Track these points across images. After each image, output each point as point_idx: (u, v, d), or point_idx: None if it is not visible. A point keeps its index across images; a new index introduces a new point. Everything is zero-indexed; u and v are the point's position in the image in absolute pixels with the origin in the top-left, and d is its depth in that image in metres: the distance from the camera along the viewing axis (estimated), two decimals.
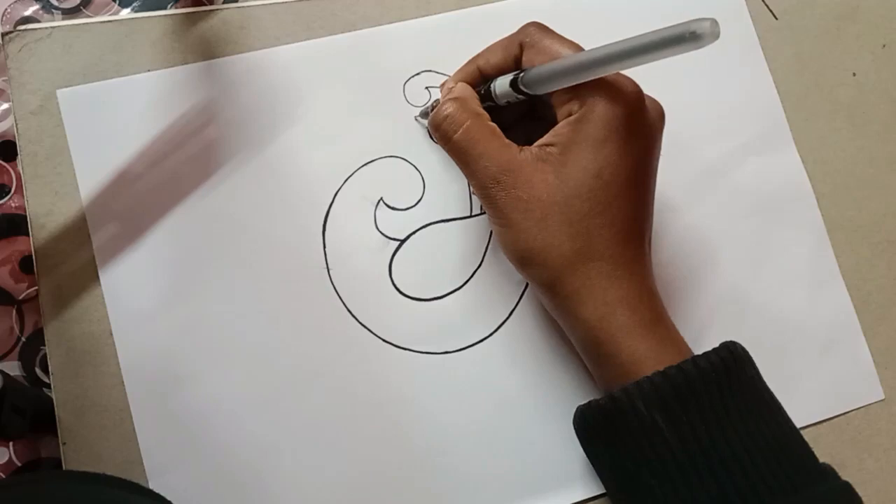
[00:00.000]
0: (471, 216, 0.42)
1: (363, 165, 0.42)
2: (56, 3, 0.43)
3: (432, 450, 0.39)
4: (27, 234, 0.40)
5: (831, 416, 0.42)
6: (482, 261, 0.41)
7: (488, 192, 0.36)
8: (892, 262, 0.44)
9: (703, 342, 0.40)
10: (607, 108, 0.34)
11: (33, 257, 0.39)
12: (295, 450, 0.39)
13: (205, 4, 0.43)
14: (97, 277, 0.39)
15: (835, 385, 0.42)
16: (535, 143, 0.36)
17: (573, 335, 0.37)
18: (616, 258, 0.35)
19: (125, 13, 0.43)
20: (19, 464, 0.39)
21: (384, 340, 0.40)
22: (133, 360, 0.39)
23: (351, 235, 0.41)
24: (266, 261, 0.40)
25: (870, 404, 0.43)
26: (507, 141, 0.36)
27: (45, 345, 0.39)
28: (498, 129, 0.36)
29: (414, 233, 0.41)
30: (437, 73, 0.43)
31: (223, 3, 0.43)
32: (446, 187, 0.42)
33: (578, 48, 0.36)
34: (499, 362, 0.40)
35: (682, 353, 0.34)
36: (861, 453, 0.42)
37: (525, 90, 0.36)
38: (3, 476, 0.38)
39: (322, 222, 0.41)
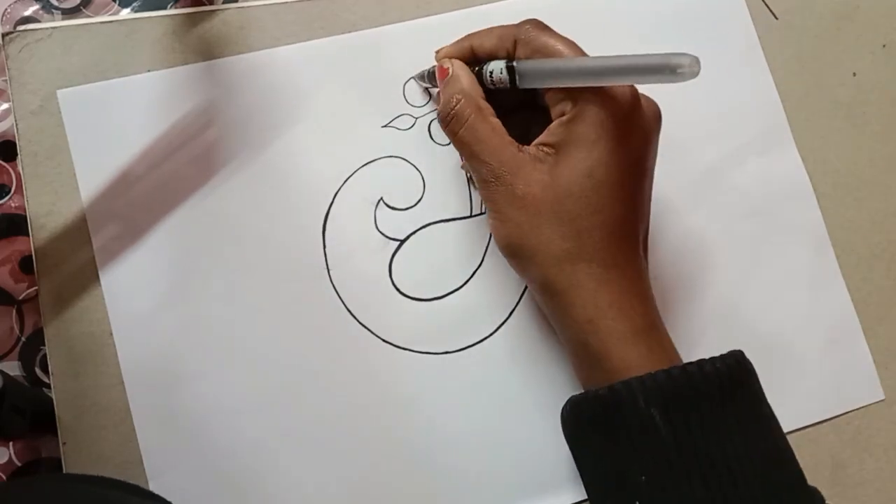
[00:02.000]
0: (471, 216, 0.42)
1: (363, 165, 0.42)
2: (56, 3, 0.43)
3: (432, 449, 0.39)
4: (27, 234, 0.40)
5: (831, 416, 0.42)
6: (482, 261, 0.41)
7: (488, 186, 0.36)
8: (892, 262, 0.44)
9: (703, 341, 0.41)
10: (599, 108, 0.34)
11: (33, 257, 0.39)
12: (294, 449, 0.39)
13: (205, 5, 0.43)
14: (97, 277, 0.39)
15: (835, 385, 0.42)
16: (533, 143, 0.36)
17: (562, 334, 0.37)
18: (607, 260, 0.35)
19: (125, 13, 0.43)
20: (19, 464, 0.39)
21: (384, 340, 0.40)
22: (133, 360, 0.39)
23: (351, 235, 0.41)
24: (266, 261, 0.40)
25: (870, 404, 0.43)
26: (508, 139, 0.36)
27: (45, 345, 0.39)
28: (500, 126, 0.36)
29: (414, 233, 0.41)
30: None
31: (223, 3, 0.43)
32: (446, 187, 0.42)
33: (574, 47, 0.36)
34: (499, 362, 0.40)
35: (672, 363, 0.34)
36: (861, 453, 0.42)
37: (520, 85, 0.36)
38: (3, 476, 0.38)
39: (322, 222, 0.41)
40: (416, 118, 0.43)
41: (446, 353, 0.40)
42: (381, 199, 0.42)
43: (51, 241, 0.40)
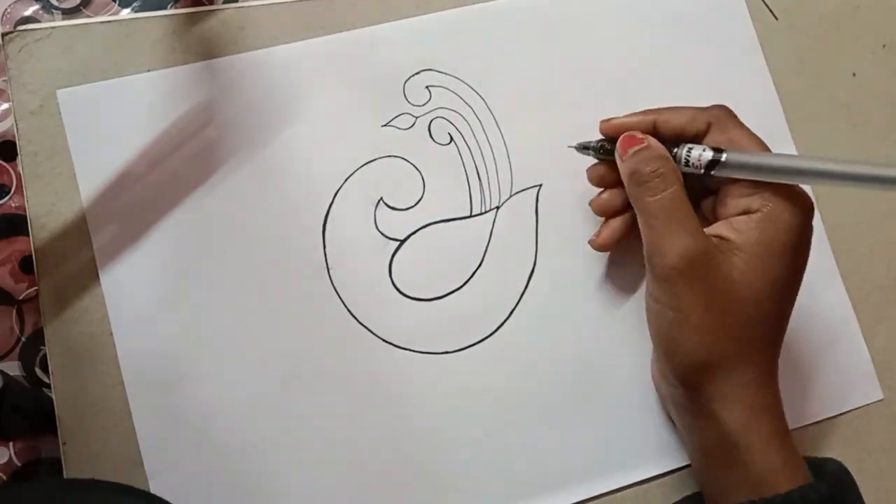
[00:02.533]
0: (471, 216, 0.42)
1: (363, 165, 0.42)
2: (56, 3, 0.43)
3: (432, 449, 0.39)
4: (27, 234, 0.40)
5: (831, 415, 0.42)
6: (482, 261, 0.41)
7: (671, 272, 0.34)
8: (892, 262, 0.44)
9: None
10: (794, 215, 0.34)
11: (33, 257, 0.39)
12: (294, 449, 0.39)
13: (204, 4, 0.43)
14: (97, 277, 0.39)
15: (834, 385, 0.43)
16: (710, 230, 0.35)
17: (699, 437, 0.36)
18: (764, 365, 0.34)
19: (125, 13, 0.43)
20: (19, 464, 0.39)
21: (384, 340, 0.40)
22: (133, 360, 0.39)
23: (351, 235, 0.41)
24: (266, 261, 0.40)
25: (869, 404, 0.43)
26: (698, 224, 0.34)
27: (45, 345, 0.39)
28: (692, 210, 0.35)
29: (414, 233, 0.41)
30: (438, 71, 0.43)
31: (223, 3, 0.43)
32: (446, 187, 0.42)
33: (765, 145, 0.36)
34: (499, 362, 0.40)
35: (802, 470, 0.34)
36: (861, 453, 0.42)
37: (714, 173, 0.35)
38: (3, 476, 0.38)
39: (322, 222, 0.41)
40: (416, 118, 0.43)
41: (446, 353, 0.40)
42: (381, 199, 0.42)
43: (51, 241, 0.40)
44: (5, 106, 0.41)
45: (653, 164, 0.35)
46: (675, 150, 0.36)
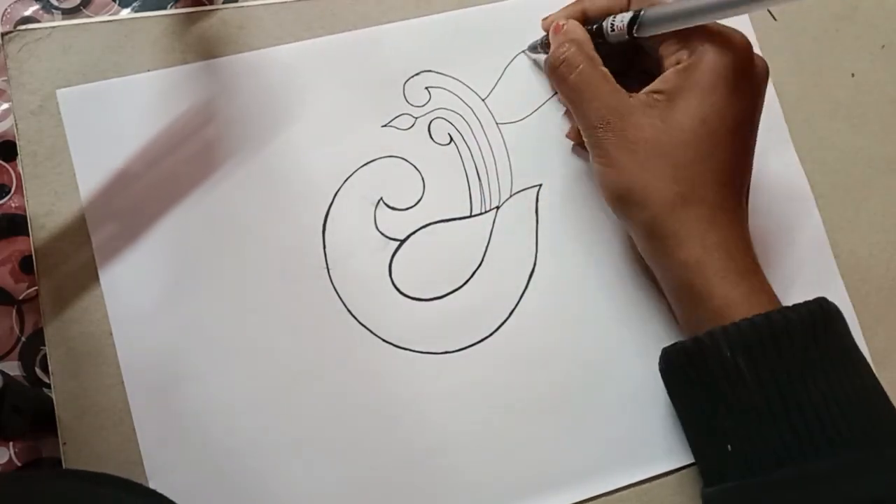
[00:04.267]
0: (470, 216, 0.42)
1: (363, 165, 0.42)
2: (56, 3, 0.43)
3: (432, 450, 0.39)
4: (27, 234, 0.40)
5: None
6: (482, 261, 0.41)
7: (596, 132, 0.37)
8: (892, 263, 0.45)
9: None
10: (716, 56, 0.35)
11: (33, 257, 0.39)
12: (294, 449, 0.39)
13: (205, 4, 0.43)
14: (97, 277, 0.39)
15: None
16: (643, 91, 0.37)
17: (665, 277, 0.38)
18: (716, 204, 0.36)
19: (125, 13, 0.43)
20: (19, 464, 0.39)
21: (384, 340, 0.40)
22: (133, 360, 0.39)
23: (351, 235, 0.41)
24: (266, 261, 0.40)
25: None
26: (617, 86, 0.37)
27: (45, 345, 0.39)
28: (609, 74, 0.37)
29: (414, 233, 0.41)
30: (437, 72, 0.43)
31: (223, 3, 0.43)
32: (446, 187, 0.42)
33: None
34: (499, 362, 0.40)
35: (772, 304, 0.35)
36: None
37: (637, 33, 0.37)
38: None
39: (322, 222, 0.41)
40: (416, 118, 0.43)
41: (446, 353, 0.40)
42: (381, 199, 0.42)
43: (51, 241, 0.40)
44: (5, 106, 0.41)
45: (559, 51, 0.38)
46: (602, 22, 0.39)
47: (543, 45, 0.42)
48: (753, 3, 0.32)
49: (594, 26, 0.39)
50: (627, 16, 0.37)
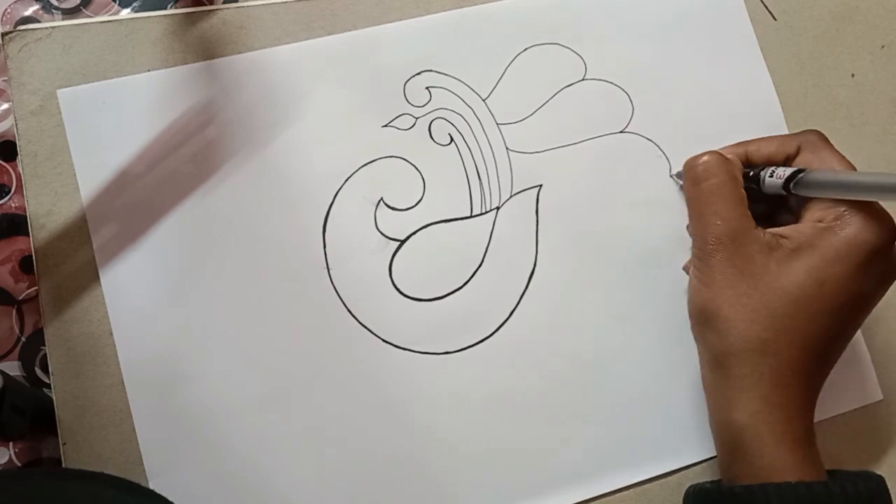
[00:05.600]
0: (471, 216, 0.42)
1: (363, 165, 0.42)
2: (56, 3, 0.42)
3: (432, 450, 0.39)
4: (27, 234, 0.40)
5: (830, 416, 0.42)
6: (482, 261, 0.41)
7: (707, 248, 0.36)
8: None
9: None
10: (860, 230, 0.34)
11: (33, 257, 0.39)
12: (295, 449, 0.39)
13: (205, 4, 0.43)
14: (97, 277, 0.39)
15: (833, 385, 0.42)
16: (771, 230, 0.36)
17: (717, 413, 0.36)
18: (794, 366, 0.34)
19: (125, 13, 0.43)
20: (19, 464, 0.39)
21: (384, 340, 0.40)
22: (133, 359, 0.39)
23: (351, 235, 0.41)
24: (266, 261, 0.40)
25: (868, 405, 0.43)
26: (748, 213, 0.36)
27: (45, 345, 0.39)
28: (745, 199, 0.37)
29: (414, 233, 0.41)
30: (438, 72, 0.43)
31: (223, 3, 0.43)
32: (446, 187, 0.42)
33: (853, 167, 0.36)
34: (499, 362, 0.40)
35: (820, 477, 0.34)
36: (859, 453, 0.42)
37: (793, 190, 0.36)
38: None
39: (322, 222, 0.41)
40: (417, 118, 0.43)
41: (446, 353, 0.40)
42: (381, 199, 0.42)
43: (51, 241, 0.40)
44: (5, 106, 0.41)
45: (700, 160, 0.38)
46: (761, 171, 0.38)
47: None
48: None
49: (751, 172, 0.38)
50: (789, 171, 0.36)
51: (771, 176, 0.37)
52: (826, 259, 0.34)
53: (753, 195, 0.38)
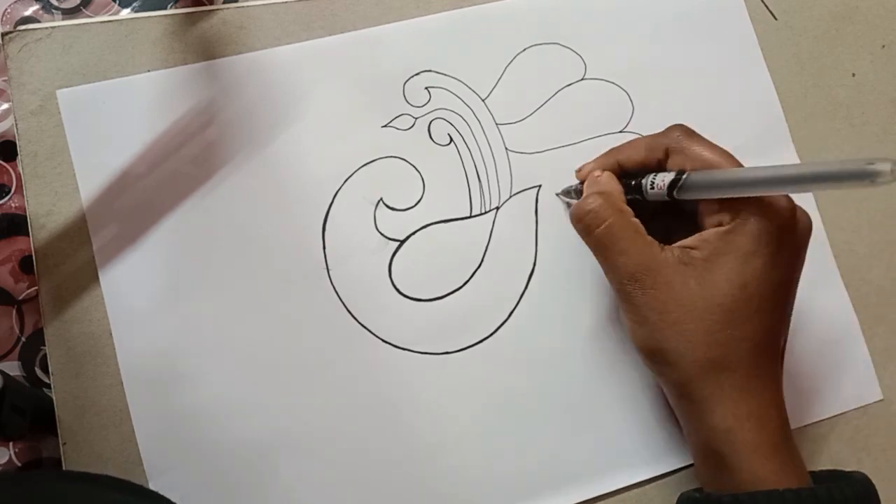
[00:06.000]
0: (471, 216, 0.42)
1: (363, 165, 0.42)
2: (56, 3, 0.43)
3: (432, 450, 0.39)
4: (27, 234, 0.40)
5: (830, 415, 0.42)
6: (482, 261, 0.41)
7: (625, 288, 0.35)
8: (892, 263, 0.45)
9: None
10: (760, 221, 0.34)
11: (33, 257, 0.39)
12: (294, 449, 0.39)
13: (205, 4, 0.43)
14: (97, 277, 0.39)
15: (834, 385, 0.43)
16: (678, 244, 0.36)
17: (693, 439, 0.36)
18: (750, 371, 0.34)
19: (125, 13, 0.43)
20: (19, 464, 0.39)
21: (384, 341, 0.40)
22: (133, 360, 0.39)
23: (351, 235, 0.41)
24: (266, 261, 0.40)
25: (868, 404, 0.43)
26: (649, 239, 0.36)
27: (45, 345, 0.39)
28: (641, 227, 0.36)
29: (414, 233, 0.41)
30: (437, 72, 0.43)
31: (223, 3, 0.43)
32: (446, 187, 0.42)
33: (728, 155, 0.36)
34: (499, 362, 0.40)
35: (801, 479, 0.34)
36: (859, 453, 0.42)
37: (678, 196, 0.36)
38: None
39: (322, 222, 0.41)
40: (416, 118, 0.43)
41: (446, 353, 0.40)
42: (381, 199, 0.42)
43: (51, 241, 0.40)
44: (5, 106, 0.41)
45: (585, 205, 0.37)
46: (641, 180, 0.37)
47: (577, 192, 0.40)
48: (806, 184, 0.31)
49: (633, 182, 0.38)
50: (669, 176, 0.36)
51: (652, 187, 0.36)
52: (739, 261, 0.34)
53: (642, 205, 0.37)
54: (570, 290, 0.42)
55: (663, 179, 0.36)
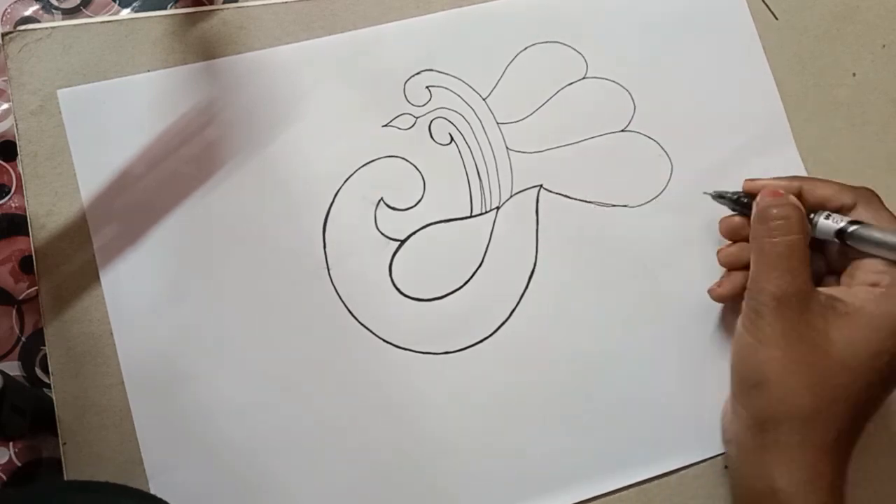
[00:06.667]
0: (471, 216, 0.42)
1: (363, 165, 0.42)
2: (56, 3, 0.43)
3: (432, 450, 0.39)
4: (27, 234, 0.40)
5: None
6: (482, 261, 0.41)
7: (769, 304, 0.35)
8: None
9: (712, 349, 0.41)
10: None
11: (33, 257, 0.39)
12: (294, 449, 0.39)
13: (205, 4, 0.43)
14: (97, 277, 0.39)
15: None
16: (825, 290, 0.36)
17: (750, 481, 0.36)
18: (842, 436, 0.34)
19: (125, 13, 0.43)
20: (19, 464, 0.39)
21: (384, 340, 0.40)
22: (133, 360, 0.39)
23: (351, 235, 0.41)
24: (266, 261, 0.40)
25: None
26: (810, 275, 0.35)
27: (45, 345, 0.39)
28: (806, 262, 0.36)
29: (414, 233, 0.41)
30: (438, 72, 0.43)
31: (223, 3, 0.43)
32: (446, 187, 0.42)
33: None
34: (499, 362, 0.40)
35: None
36: (859, 453, 0.42)
37: (848, 241, 0.36)
38: (3, 476, 0.38)
39: (322, 222, 0.41)
40: (417, 118, 0.43)
41: (446, 353, 0.40)
42: (381, 199, 0.42)
43: (51, 241, 0.40)
44: (5, 106, 0.41)
45: (783, 210, 0.36)
46: (814, 215, 0.37)
47: (738, 201, 0.40)
48: None
49: (812, 215, 0.38)
50: (846, 219, 0.36)
51: (827, 218, 0.37)
52: (883, 329, 0.34)
53: None
54: (570, 290, 0.41)
55: (840, 218, 0.36)
